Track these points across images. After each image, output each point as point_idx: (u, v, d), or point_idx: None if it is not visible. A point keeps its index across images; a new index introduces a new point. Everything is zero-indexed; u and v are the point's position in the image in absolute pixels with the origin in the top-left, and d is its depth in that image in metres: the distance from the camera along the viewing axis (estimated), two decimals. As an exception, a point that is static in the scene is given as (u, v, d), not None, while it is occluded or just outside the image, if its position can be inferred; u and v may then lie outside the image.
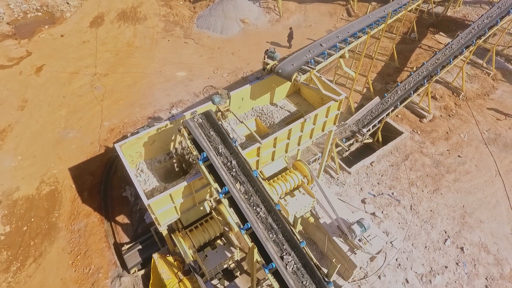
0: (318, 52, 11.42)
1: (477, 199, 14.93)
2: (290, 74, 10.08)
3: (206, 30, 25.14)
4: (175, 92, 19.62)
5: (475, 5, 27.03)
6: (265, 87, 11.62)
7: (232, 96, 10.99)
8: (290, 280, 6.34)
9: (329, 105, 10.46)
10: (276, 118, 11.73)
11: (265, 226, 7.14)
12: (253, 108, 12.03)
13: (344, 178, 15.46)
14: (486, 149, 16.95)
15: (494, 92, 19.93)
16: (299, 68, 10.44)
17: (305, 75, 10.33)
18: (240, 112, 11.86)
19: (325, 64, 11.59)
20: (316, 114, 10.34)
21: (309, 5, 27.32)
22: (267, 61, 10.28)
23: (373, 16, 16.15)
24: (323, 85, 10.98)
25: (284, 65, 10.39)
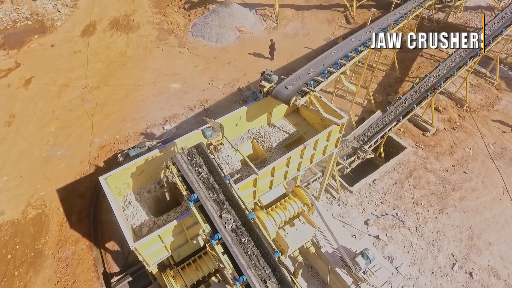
0: (318, 71, 10.73)
1: (484, 219, 14.28)
2: (289, 98, 9.39)
3: (201, 38, 24.43)
4: (169, 106, 18.88)
5: (476, 11, 26.49)
6: (262, 108, 10.93)
7: (227, 119, 10.29)
8: None
9: (330, 130, 9.78)
10: (274, 140, 11.03)
11: (262, 277, 6.44)
12: (249, 130, 11.33)
13: (346, 197, 14.77)
14: (493, 164, 16.32)
15: (498, 103, 19.32)
16: (298, 91, 9.74)
17: (305, 97, 9.65)
18: (236, 134, 11.15)
19: (326, 83, 10.90)
20: (317, 140, 9.65)
21: (307, 12, 26.66)
22: (263, 83, 9.60)
23: (374, 28, 15.49)
24: (324, 107, 10.30)
25: (281, 88, 9.71)
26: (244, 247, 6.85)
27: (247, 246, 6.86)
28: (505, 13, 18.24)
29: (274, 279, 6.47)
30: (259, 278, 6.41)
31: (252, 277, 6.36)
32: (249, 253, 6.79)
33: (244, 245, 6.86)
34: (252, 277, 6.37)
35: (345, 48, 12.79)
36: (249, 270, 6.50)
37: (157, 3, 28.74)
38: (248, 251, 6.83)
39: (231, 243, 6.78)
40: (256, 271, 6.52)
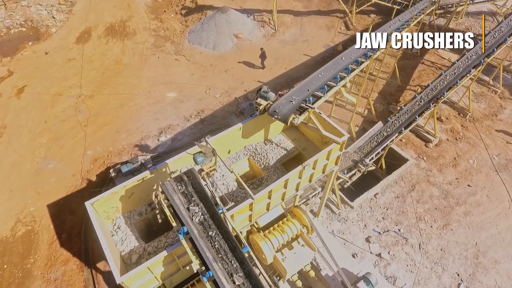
0: (317, 86, 10.24)
1: (490, 236, 13.79)
2: (286, 116, 8.91)
3: (198, 45, 23.97)
4: (164, 116, 18.39)
5: (478, 16, 26.07)
6: (258, 124, 10.44)
7: (222, 137, 9.81)
8: None
9: (330, 148, 9.29)
10: (271, 158, 10.54)
11: (229, 271, 6.14)
12: (245, 147, 10.84)
13: (347, 213, 14.27)
14: (497, 177, 15.84)
15: (502, 112, 18.87)
16: (296, 108, 9.26)
17: (303, 115, 9.17)
18: (231, 151, 10.66)
19: (326, 99, 10.42)
20: (316, 160, 9.16)
21: (306, 17, 26.23)
22: (259, 101, 9.11)
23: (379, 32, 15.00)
24: (323, 124, 9.81)
25: (278, 106, 9.22)
26: (211, 241, 6.66)
27: (215, 240, 6.68)
28: (509, 20, 17.80)
29: (241, 273, 6.29)
30: (226, 272, 6.32)
31: (218, 271, 6.27)
32: (217, 246, 6.65)
33: (211, 239, 6.67)
34: (218, 271, 6.28)
35: (345, 60, 12.31)
36: (216, 263, 6.39)
37: (153, 9, 28.33)
38: (216, 244, 6.68)
39: (198, 236, 6.65)
40: (223, 264, 6.43)
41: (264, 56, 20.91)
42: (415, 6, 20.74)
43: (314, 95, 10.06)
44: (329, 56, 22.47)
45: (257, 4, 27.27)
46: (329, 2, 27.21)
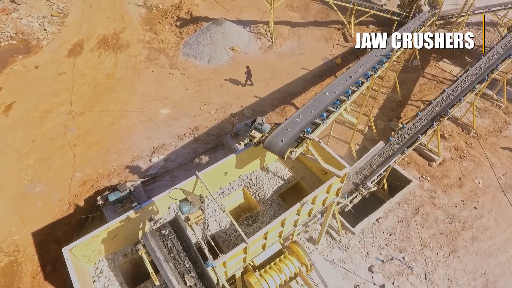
0: (316, 114, 9.56)
1: (499, 263, 13.08)
2: (283, 150, 8.23)
3: (193, 58, 23.36)
4: (157, 134, 17.69)
5: (478, 27, 25.59)
6: (252, 153, 9.77)
7: (214, 169, 9.11)
8: None
9: (330, 183, 8.60)
10: (267, 190, 9.83)
11: (181, 271, 5.57)
12: (240, 177, 10.15)
13: (348, 240, 13.55)
14: (505, 198, 15.17)
15: (507, 128, 18.27)
16: (293, 139, 8.57)
17: (301, 147, 8.49)
18: (225, 182, 9.95)
19: (325, 127, 9.74)
20: (315, 195, 8.46)
21: (303, 29, 25.70)
22: (253, 133, 8.43)
23: (377, 53, 14.40)
24: (323, 154, 9.13)
25: (274, 138, 8.53)
26: (164, 239, 6.29)
27: (168, 238, 6.26)
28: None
29: (194, 273, 5.83)
30: (178, 272, 5.98)
31: (168, 271, 5.92)
32: (169, 245, 6.24)
33: (164, 237, 6.28)
34: (168, 271, 5.93)
35: (346, 81, 11.67)
36: (166, 263, 6.07)
37: (148, 20, 27.76)
38: (168, 243, 6.28)
39: (149, 235, 6.31)
40: (174, 264, 6.07)
41: (250, 74, 20.16)
42: (415, 19, 20.22)
43: (313, 122, 9.38)
44: (328, 70, 21.91)
45: (254, 15, 26.75)
46: (326, 13, 26.71)
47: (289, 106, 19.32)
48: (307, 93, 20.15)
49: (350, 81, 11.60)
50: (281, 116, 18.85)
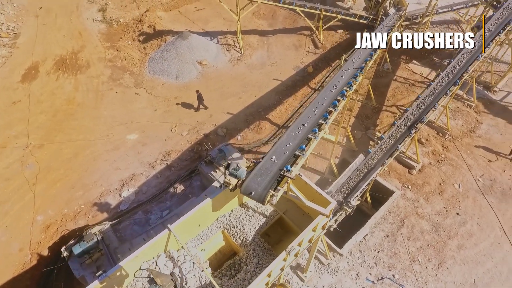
0: (293, 146, 8.87)
1: (487, 270, 13.01)
2: (263, 196, 7.48)
3: (159, 76, 22.17)
4: (125, 164, 16.47)
5: (442, 25, 26.07)
6: (229, 195, 8.93)
7: (189, 218, 8.22)
8: None
9: (316, 223, 7.95)
10: (249, 230, 9.07)
11: None
12: (218, 218, 9.30)
13: (336, 263, 13.03)
14: (485, 201, 15.22)
15: (479, 128, 18.48)
16: (273, 181, 7.85)
17: (282, 189, 7.77)
18: (202, 227, 9.08)
19: (305, 159, 9.10)
20: (302, 240, 7.78)
21: (272, 37, 25.11)
22: (229, 180, 7.63)
23: (350, 65, 13.97)
24: (306, 190, 8.47)
25: (252, 183, 7.75)
26: None
27: None
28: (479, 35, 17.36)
29: None
30: None
31: None
32: None
33: None
34: None
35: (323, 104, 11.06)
36: None
37: (108, 36, 26.24)
38: None
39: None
40: None
41: (201, 99, 18.93)
42: (383, 24, 20.12)
43: (295, 155, 8.69)
44: (300, 80, 21.43)
45: (220, 25, 25.88)
46: (294, 19, 26.27)
47: (264, 121, 18.63)
48: (281, 106, 19.56)
49: (326, 102, 11.03)
50: (257, 133, 18.14)
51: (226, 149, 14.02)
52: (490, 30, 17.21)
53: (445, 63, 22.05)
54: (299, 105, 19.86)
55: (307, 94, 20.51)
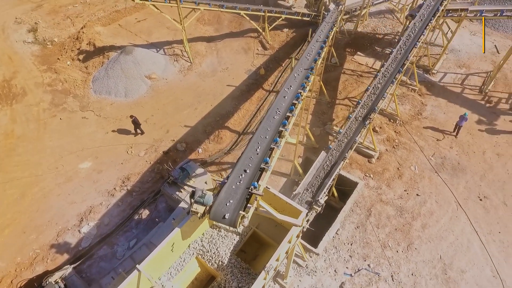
0: (257, 160, 8.73)
1: (450, 244, 13.92)
2: (233, 220, 7.26)
3: (106, 95, 20.95)
4: (81, 196, 15.35)
5: (379, 16, 27.41)
6: (198, 219, 8.57)
7: (159, 253, 7.76)
8: None
9: (290, 236, 7.90)
10: (223, 252, 8.80)
11: None
12: (190, 245, 8.91)
13: (314, 262, 13.19)
14: (439, 178, 16.28)
15: (425, 110, 19.72)
16: (241, 203, 7.64)
17: (252, 208, 7.60)
18: (174, 258, 8.64)
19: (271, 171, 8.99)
20: (278, 255, 7.68)
21: (220, 43, 24.81)
22: (195, 208, 7.28)
23: (298, 70, 14.10)
24: (275, 202, 8.39)
25: (220, 206, 7.49)
26: None
27: None
28: (414, 24, 18.45)
29: None
30: None
31: None
32: None
33: None
34: None
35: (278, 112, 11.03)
36: None
37: (43, 58, 24.32)
38: None
39: None
40: None
41: (137, 123, 17.75)
42: (326, 20, 20.65)
43: (260, 169, 8.55)
44: (254, 83, 21.41)
45: (165, 35, 25.07)
46: (239, 22, 26.17)
47: (223, 130, 18.34)
48: (239, 112, 19.38)
49: (282, 110, 11.04)
50: (218, 143, 17.81)
51: (189, 167, 13.57)
52: (422, 17, 18.34)
53: (387, 51, 23.37)
54: (256, 108, 19.84)
55: (262, 97, 20.55)
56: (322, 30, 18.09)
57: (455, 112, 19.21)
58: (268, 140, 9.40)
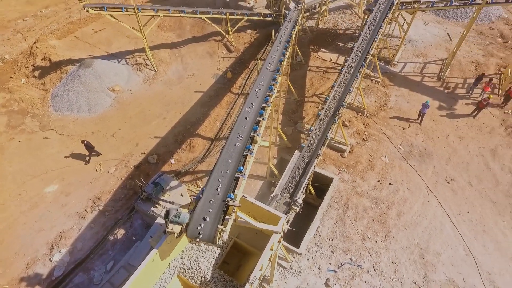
0: (231, 169, 8.59)
1: (425, 229, 14.50)
2: (212, 236, 7.09)
3: (68, 112, 19.95)
4: (50, 222, 14.51)
5: (338, 11, 28.03)
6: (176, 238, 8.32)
7: (137, 278, 7.45)
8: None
9: (271, 243, 7.85)
10: (205, 268, 8.61)
11: None
12: (170, 264, 8.64)
13: (298, 263, 13.27)
14: (408, 166, 16.90)
15: (389, 100, 20.40)
16: (219, 216, 7.49)
17: (230, 220, 7.46)
18: (154, 278, 8.33)
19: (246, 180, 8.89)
20: (261, 264, 7.61)
21: (184, 48, 24.35)
22: (171, 229, 7.02)
23: (265, 72, 14.10)
24: (253, 210, 8.31)
25: (197, 223, 7.28)
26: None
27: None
28: (372, 18, 18.97)
29: None
30: None
31: None
32: None
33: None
34: None
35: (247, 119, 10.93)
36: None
37: (-6, 78, 22.71)
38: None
39: None
40: None
41: (90, 147, 16.52)
42: (288, 20, 20.79)
43: (234, 178, 8.42)
44: (222, 87, 21.20)
45: (126, 44, 24.22)
46: (202, 26, 25.80)
47: (195, 138, 18.01)
48: (209, 118, 19.11)
49: (252, 115, 10.97)
50: (190, 151, 17.47)
51: (162, 180, 13.19)
52: (379, 11, 18.91)
53: (349, 46, 23.97)
54: (226, 113, 19.65)
55: (231, 100, 20.38)
56: (285, 30, 18.17)
57: (417, 100, 20.02)
58: (240, 147, 9.28)
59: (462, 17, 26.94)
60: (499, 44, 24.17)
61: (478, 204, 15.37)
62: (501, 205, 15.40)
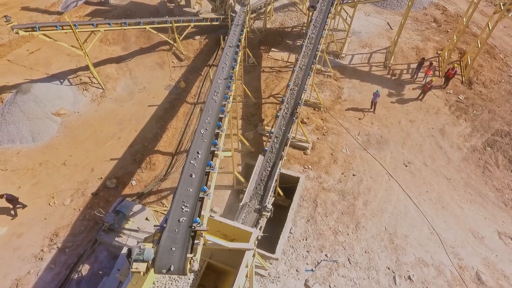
0: (194, 190, 8.25)
1: (391, 214, 15.09)
2: (181, 267, 6.70)
3: (10, 144, 18.23)
4: (2, 269, 13.16)
5: (284, 10, 28.34)
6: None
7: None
8: None
9: (246, 261, 7.64)
10: (181, 294, 8.20)
11: None
12: (142, 298, 8.11)
13: (275, 268, 13.21)
14: (368, 155, 17.51)
15: (343, 93, 21.00)
16: (186, 244, 7.10)
17: (199, 248, 7.13)
18: (126, 319, 7.78)
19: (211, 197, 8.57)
20: (238, 285, 7.38)
21: (131, 62, 23.27)
22: (136, 268, 6.52)
23: (218, 78, 13.81)
24: (222, 228, 8.03)
25: (164, 256, 6.84)
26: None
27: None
28: (316, 16, 19.35)
29: None
30: None
31: None
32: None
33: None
34: None
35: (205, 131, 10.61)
36: None
37: None
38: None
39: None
40: None
41: (14, 201, 14.63)
42: (235, 23, 20.60)
43: (199, 199, 8.08)
44: (176, 98, 20.55)
45: (67, 63, 22.63)
46: (147, 36, 24.82)
47: (155, 155, 17.28)
48: (167, 132, 18.44)
49: (211, 127, 10.66)
50: (151, 170, 16.72)
51: (123, 207, 12.44)
52: (323, 7, 19.31)
53: (298, 43, 24.34)
54: (184, 125, 19.08)
55: (188, 111, 19.83)
56: (233, 34, 17.96)
57: (368, 90, 20.80)
58: (201, 165, 8.95)
59: (398, 5, 28.45)
60: (433, 29, 25.82)
61: (435, 183, 16.30)
62: (455, 180, 16.47)
